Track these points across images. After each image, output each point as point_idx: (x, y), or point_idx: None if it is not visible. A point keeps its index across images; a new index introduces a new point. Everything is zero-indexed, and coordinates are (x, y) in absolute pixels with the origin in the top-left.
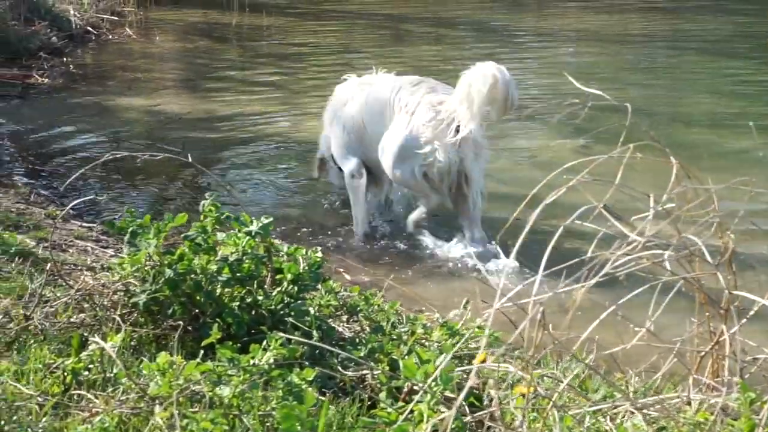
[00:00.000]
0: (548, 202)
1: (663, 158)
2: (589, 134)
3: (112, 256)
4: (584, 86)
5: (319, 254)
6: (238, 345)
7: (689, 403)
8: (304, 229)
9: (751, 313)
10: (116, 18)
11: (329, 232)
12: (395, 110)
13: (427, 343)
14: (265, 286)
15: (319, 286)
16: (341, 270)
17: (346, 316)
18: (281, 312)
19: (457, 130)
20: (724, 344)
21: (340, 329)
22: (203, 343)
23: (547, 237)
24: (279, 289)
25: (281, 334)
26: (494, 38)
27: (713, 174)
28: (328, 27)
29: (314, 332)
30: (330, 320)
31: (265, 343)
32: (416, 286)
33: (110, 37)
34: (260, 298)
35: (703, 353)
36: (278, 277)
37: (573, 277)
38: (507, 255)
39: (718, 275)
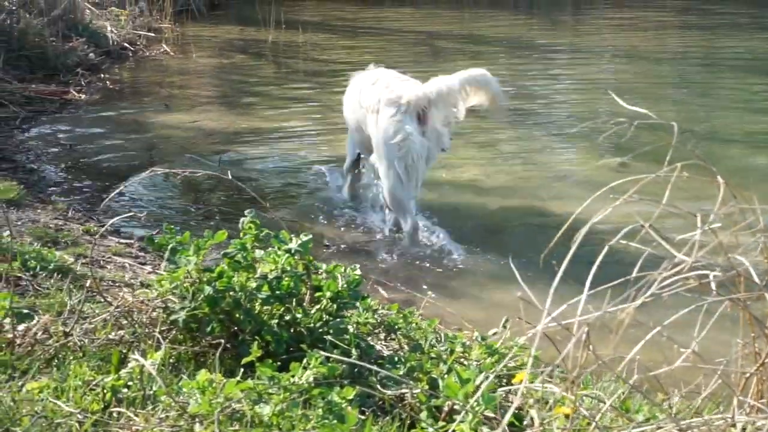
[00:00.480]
0: (595, 221)
1: (709, 177)
2: (630, 153)
3: (150, 272)
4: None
5: (358, 272)
6: (278, 363)
7: (734, 425)
8: (341, 246)
9: None
10: (153, 34)
11: (366, 249)
12: (365, 112)
13: (466, 362)
14: (304, 304)
15: (358, 304)
16: (379, 287)
17: (384, 334)
18: (320, 330)
19: (419, 118)
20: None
21: (379, 347)
22: (243, 361)
23: (592, 256)
24: (318, 306)
25: (321, 352)
26: (530, 55)
27: (757, 193)
28: (363, 43)
29: (353, 350)
30: (369, 338)
31: (305, 361)
32: (455, 303)
33: (147, 53)
34: (299, 315)
35: (748, 374)
36: (317, 294)
37: (619, 298)
38: (552, 276)
39: (765, 295)
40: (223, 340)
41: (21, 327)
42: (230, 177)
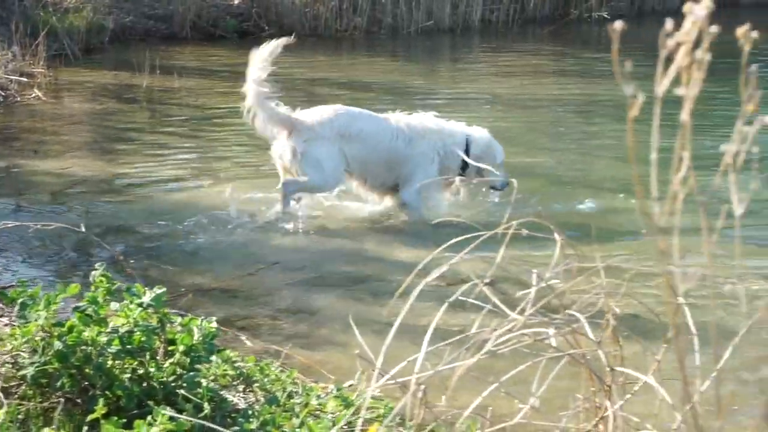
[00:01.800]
0: (435, 276)
1: (548, 235)
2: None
3: (6, 325)
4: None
5: (214, 324)
6: (124, 420)
7: None
8: (207, 292)
9: (636, 388)
10: (25, 79)
11: (233, 296)
12: None
13: (321, 415)
14: (158, 358)
15: (213, 357)
16: (242, 336)
17: (242, 387)
18: (173, 384)
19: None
20: (608, 420)
21: (236, 400)
22: (89, 418)
23: (432, 312)
24: (171, 360)
25: (168, 409)
26: (408, 101)
27: (608, 244)
28: (240, 89)
29: (206, 404)
30: (225, 391)
31: (150, 417)
32: (321, 350)
33: (18, 98)
34: (152, 370)
35: (587, 429)
36: (171, 348)
37: (453, 354)
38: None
39: (599, 352)
40: (72, 396)
41: None
42: (83, 230)
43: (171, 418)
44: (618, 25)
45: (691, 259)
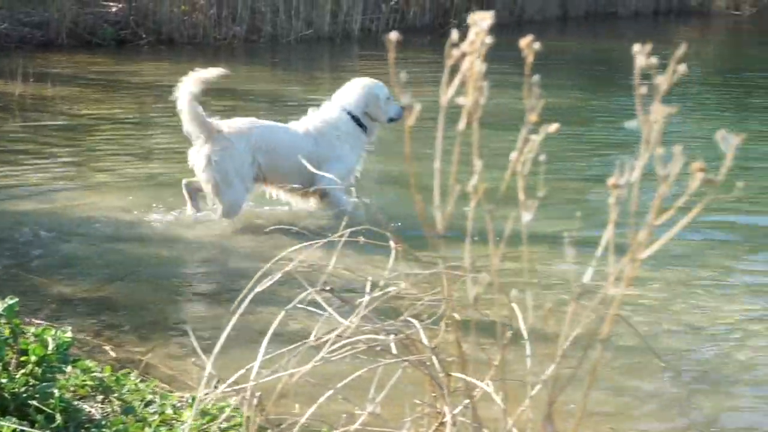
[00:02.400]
0: (258, 291)
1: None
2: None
3: None
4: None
5: (69, 335)
6: None
7: None
8: (78, 304)
9: (475, 393)
10: None
11: (102, 307)
12: None
13: (176, 424)
14: (10, 369)
15: (69, 368)
16: (107, 347)
17: (101, 397)
18: (25, 395)
19: None
20: (446, 426)
21: (92, 411)
22: None
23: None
24: (23, 371)
25: (15, 420)
26: (287, 110)
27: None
28: (116, 97)
29: (58, 415)
30: (83, 401)
31: None
32: (185, 360)
33: None
34: (4, 380)
35: None
36: (23, 359)
37: (292, 361)
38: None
39: (433, 358)
40: None
41: None
42: None
43: (21, 429)
44: (393, 36)
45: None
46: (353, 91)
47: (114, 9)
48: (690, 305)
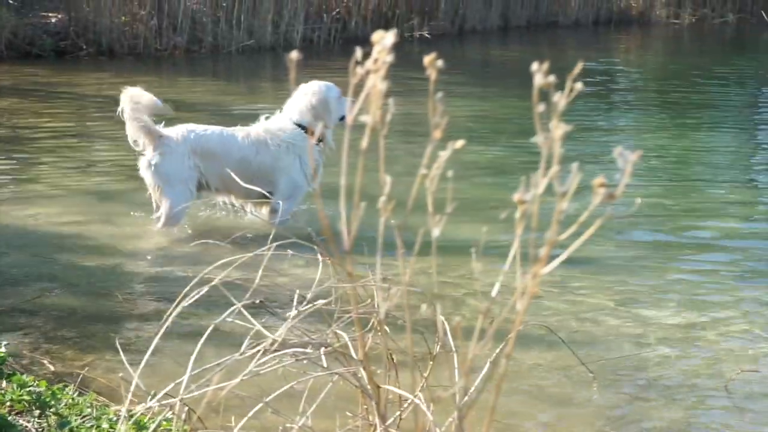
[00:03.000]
0: (190, 302)
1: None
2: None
3: None
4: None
5: (3, 349)
6: None
7: None
8: (14, 319)
9: (406, 406)
10: None
11: (39, 320)
12: None
13: None
14: None
15: (4, 383)
16: (45, 360)
17: (38, 411)
18: None
19: None
20: None
21: (28, 426)
22: None
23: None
24: None
25: None
26: (229, 122)
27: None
28: (57, 109)
29: None
30: (20, 416)
31: None
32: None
33: None
34: None
35: None
36: None
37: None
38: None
39: (361, 370)
40: None
41: None
42: None
43: None
44: (294, 55)
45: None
46: (301, 98)
47: (54, 20)
48: (625, 315)
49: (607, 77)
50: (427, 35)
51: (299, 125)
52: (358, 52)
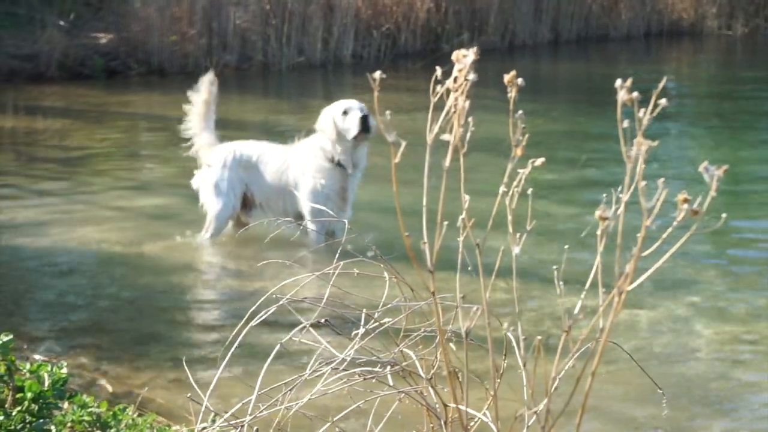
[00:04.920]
0: (259, 320)
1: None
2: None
3: None
4: None
5: (65, 370)
6: None
7: None
8: (74, 340)
9: (473, 423)
10: None
11: (99, 341)
12: None
13: None
14: (6, 406)
15: (65, 404)
16: (104, 382)
17: None
18: None
19: None
20: None
21: None
22: None
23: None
24: (19, 408)
25: None
26: (280, 140)
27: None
28: (108, 129)
29: None
30: None
31: None
32: (183, 393)
33: None
34: (1, 418)
35: None
36: (19, 396)
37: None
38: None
39: (429, 389)
40: None
41: None
42: None
43: None
44: (377, 75)
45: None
46: (320, 120)
47: (104, 40)
48: (682, 329)
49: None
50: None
51: (323, 148)
52: (439, 71)
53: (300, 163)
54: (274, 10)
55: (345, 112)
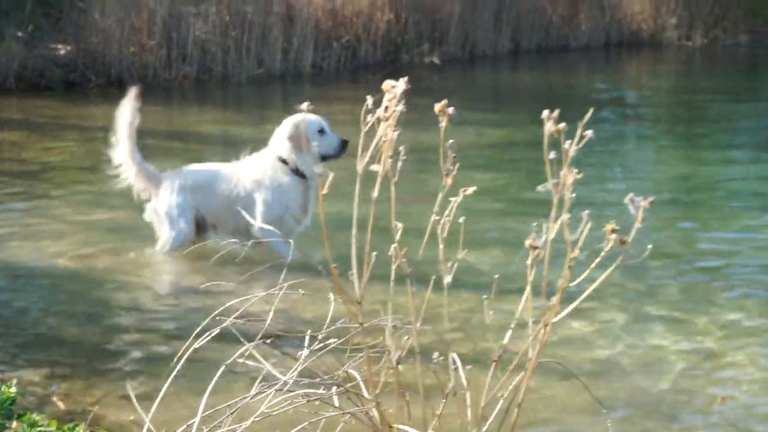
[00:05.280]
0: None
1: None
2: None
3: None
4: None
5: (14, 389)
6: None
7: None
8: (26, 357)
9: None
10: None
11: (52, 357)
12: None
13: None
14: None
15: (15, 423)
16: (56, 399)
17: None
18: None
19: None
20: None
21: None
22: None
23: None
24: None
25: None
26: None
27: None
28: (66, 141)
29: None
30: None
31: None
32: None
33: None
34: None
35: None
36: None
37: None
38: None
39: (373, 410)
40: None
41: None
42: None
43: None
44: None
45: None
46: (280, 132)
47: (62, 51)
48: (637, 342)
49: (618, 101)
50: (436, 61)
51: (282, 159)
52: (370, 100)
53: (255, 177)
54: (234, 21)
55: (321, 131)
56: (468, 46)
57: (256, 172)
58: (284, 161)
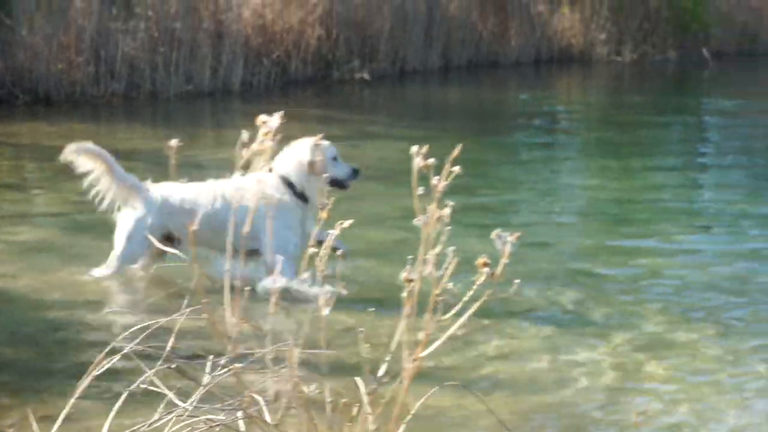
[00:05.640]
0: (93, 375)
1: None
2: None
3: None
4: None
5: None
6: None
7: None
8: None
9: None
10: None
11: None
12: None
13: None
14: None
15: None
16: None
17: None
18: None
19: None
20: None
21: None
22: None
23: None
24: None
25: None
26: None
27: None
28: None
29: None
30: None
31: None
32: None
33: None
34: None
35: None
36: None
37: None
38: None
39: None
40: None
41: None
42: None
43: None
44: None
45: None
46: (291, 153)
47: None
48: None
49: (547, 117)
50: (366, 77)
51: (287, 181)
52: (245, 135)
53: (254, 196)
54: (162, 38)
55: (335, 158)
56: (398, 62)
57: (249, 193)
58: (289, 183)
